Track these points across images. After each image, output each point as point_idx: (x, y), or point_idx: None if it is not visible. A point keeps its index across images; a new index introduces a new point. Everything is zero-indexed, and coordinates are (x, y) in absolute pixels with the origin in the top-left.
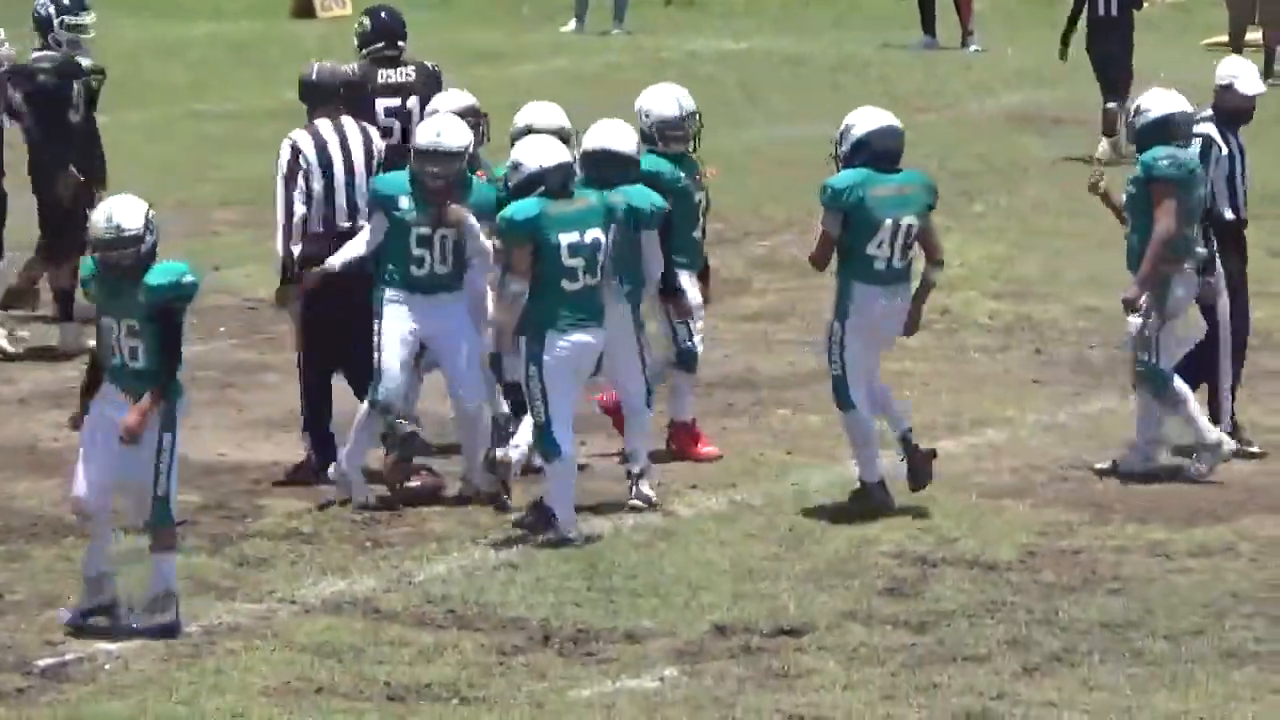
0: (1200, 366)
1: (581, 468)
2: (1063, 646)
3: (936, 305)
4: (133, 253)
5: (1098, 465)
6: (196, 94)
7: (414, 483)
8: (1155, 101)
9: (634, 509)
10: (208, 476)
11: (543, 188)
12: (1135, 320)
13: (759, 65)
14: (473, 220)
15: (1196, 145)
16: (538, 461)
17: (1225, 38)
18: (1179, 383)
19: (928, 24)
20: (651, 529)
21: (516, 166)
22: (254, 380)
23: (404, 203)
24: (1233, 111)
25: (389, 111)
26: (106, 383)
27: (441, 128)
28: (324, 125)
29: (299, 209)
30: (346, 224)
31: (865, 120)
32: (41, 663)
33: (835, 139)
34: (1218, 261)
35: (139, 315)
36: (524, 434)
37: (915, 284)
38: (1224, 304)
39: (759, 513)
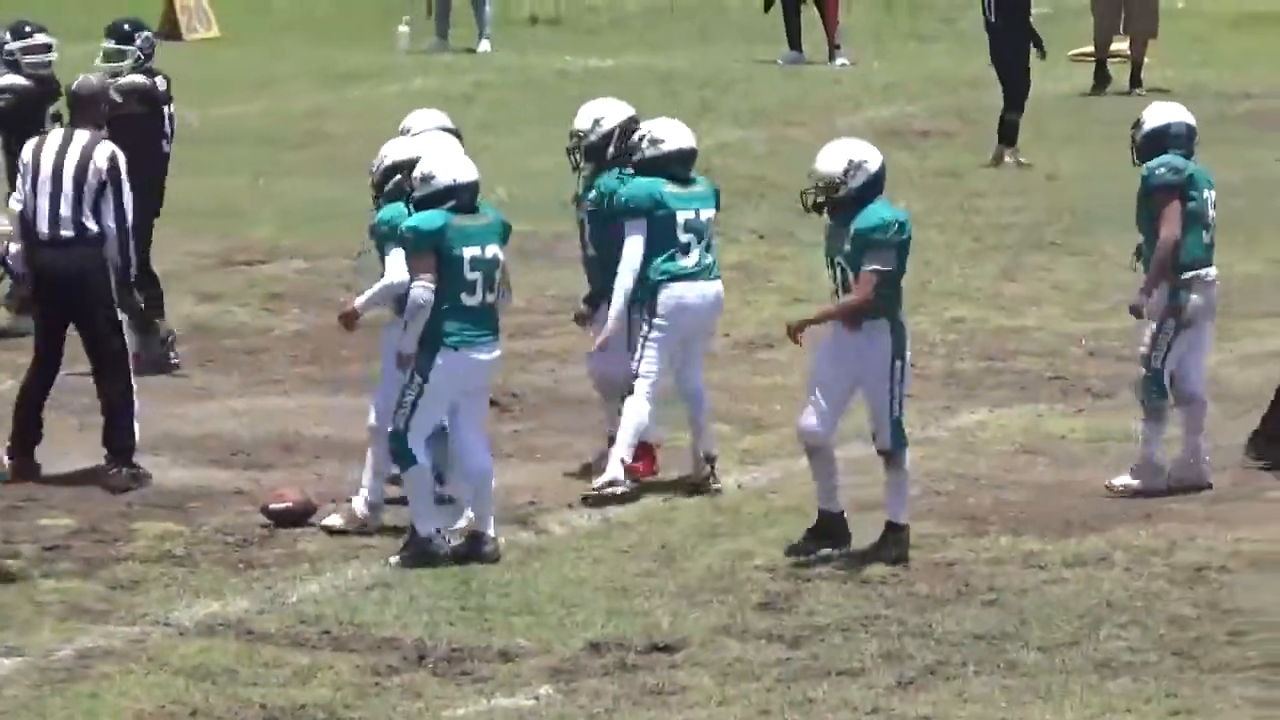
0: None
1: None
2: (937, 659)
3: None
4: None
5: (1115, 482)
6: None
7: (285, 503)
8: (1154, 114)
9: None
10: (80, 501)
11: (452, 202)
12: (1149, 326)
13: (627, 82)
14: None
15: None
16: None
17: (1091, 48)
18: (1168, 401)
19: (793, 39)
20: (525, 547)
21: (427, 179)
22: None
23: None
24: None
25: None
26: None
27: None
28: (54, 134)
29: (14, 206)
30: (46, 231)
31: None
32: None
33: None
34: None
35: None
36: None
37: None
38: None
39: (632, 529)
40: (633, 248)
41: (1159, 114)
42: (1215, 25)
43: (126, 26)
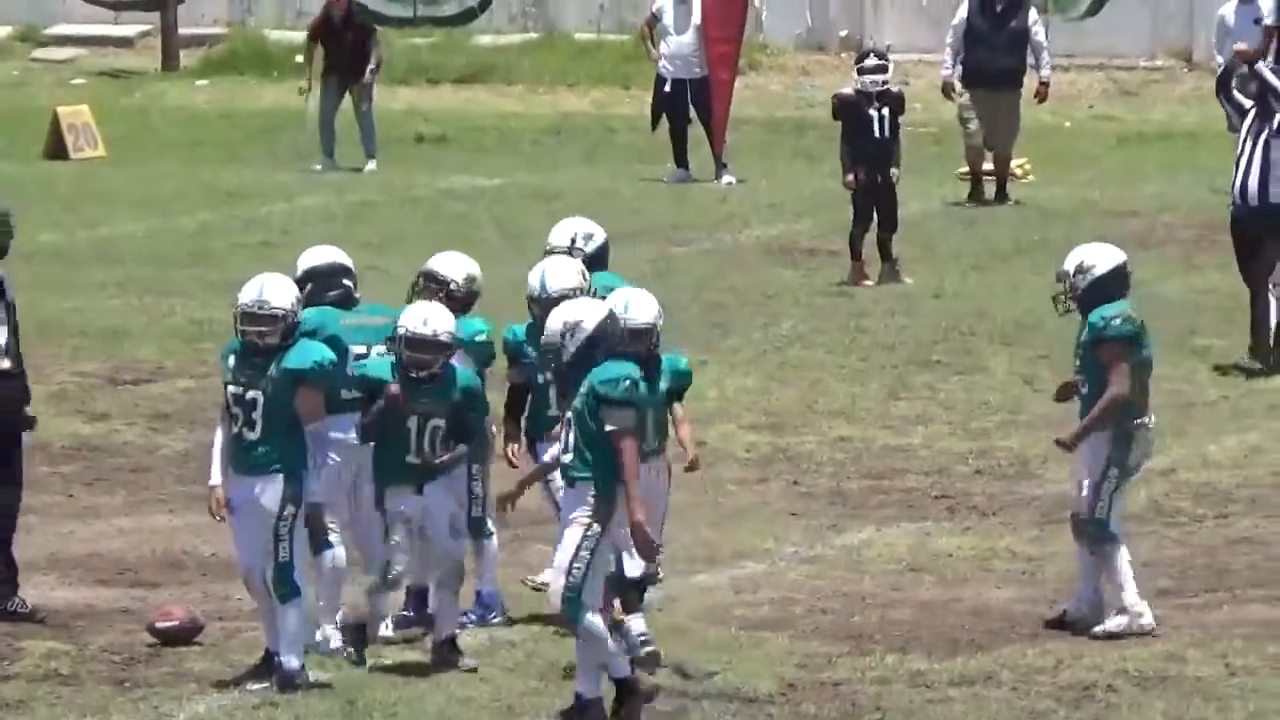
0: None
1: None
2: None
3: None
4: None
5: (1048, 617)
6: None
7: (172, 621)
8: (1098, 257)
9: None
10: None
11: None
12: (1086, 473)
13: (513, 201)
14: None
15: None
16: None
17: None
18: (1121, 544)
19: (680, 156)
20: (411, 666)
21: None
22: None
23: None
24: None
25: None
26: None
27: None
28: None
29: None
30: None
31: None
32: None
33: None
34: None
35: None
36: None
37: None
38: None
39: (518, 648)
40: None
41: (1104, 257)
42: (1102, 143)
43: None
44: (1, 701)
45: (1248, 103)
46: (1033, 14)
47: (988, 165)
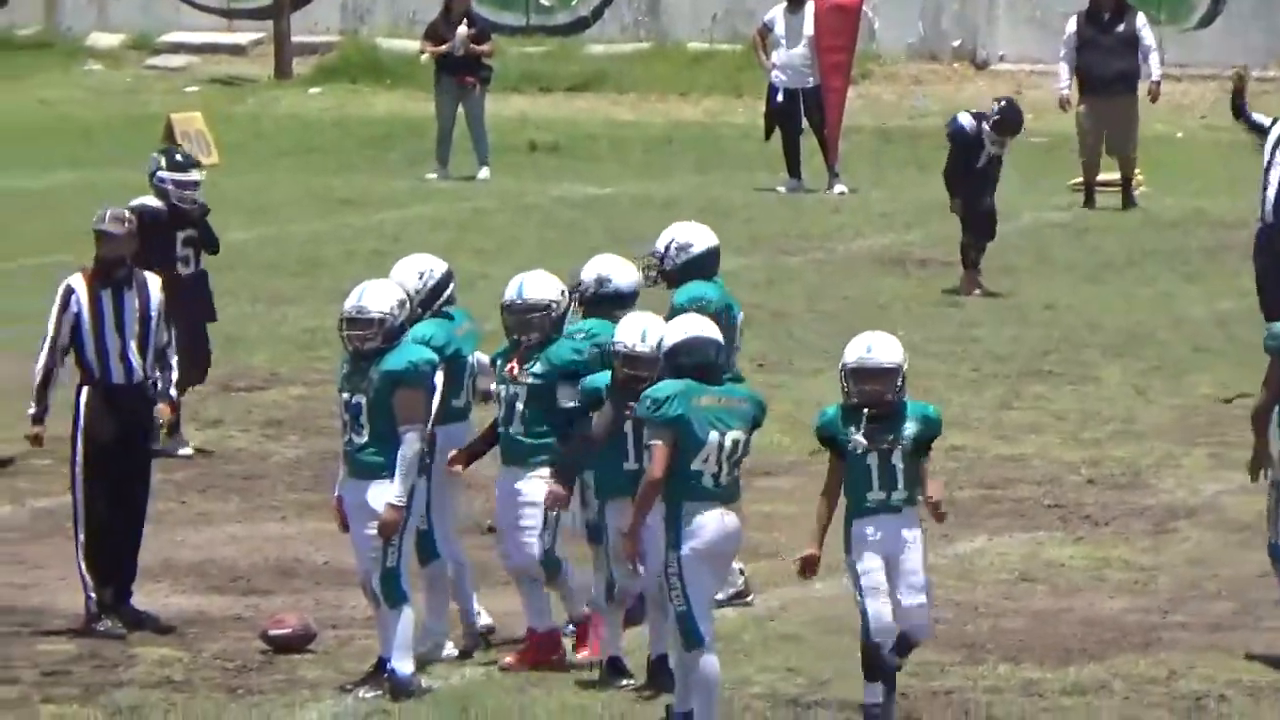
0: None
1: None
2: None
3: (806, 447)
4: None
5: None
6: (66, 244)
7: (285, 628)
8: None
9: None
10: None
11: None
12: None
13: (625, 210)
14: None
15: None
16: None
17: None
18: None
19: (793, 167)
20: (524, 675)
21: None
22: None
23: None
24: None
25: None
26: None
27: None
28: None
29: None
30: None
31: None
32: None
33: None
34: None
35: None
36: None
37: None
38: None
39: (629, 655)
40: None
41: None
42: (1214, 153)
43: None
44: (115, 707)
45: (1266, 120)
46: (1140, 18)
47: (1102, 175)
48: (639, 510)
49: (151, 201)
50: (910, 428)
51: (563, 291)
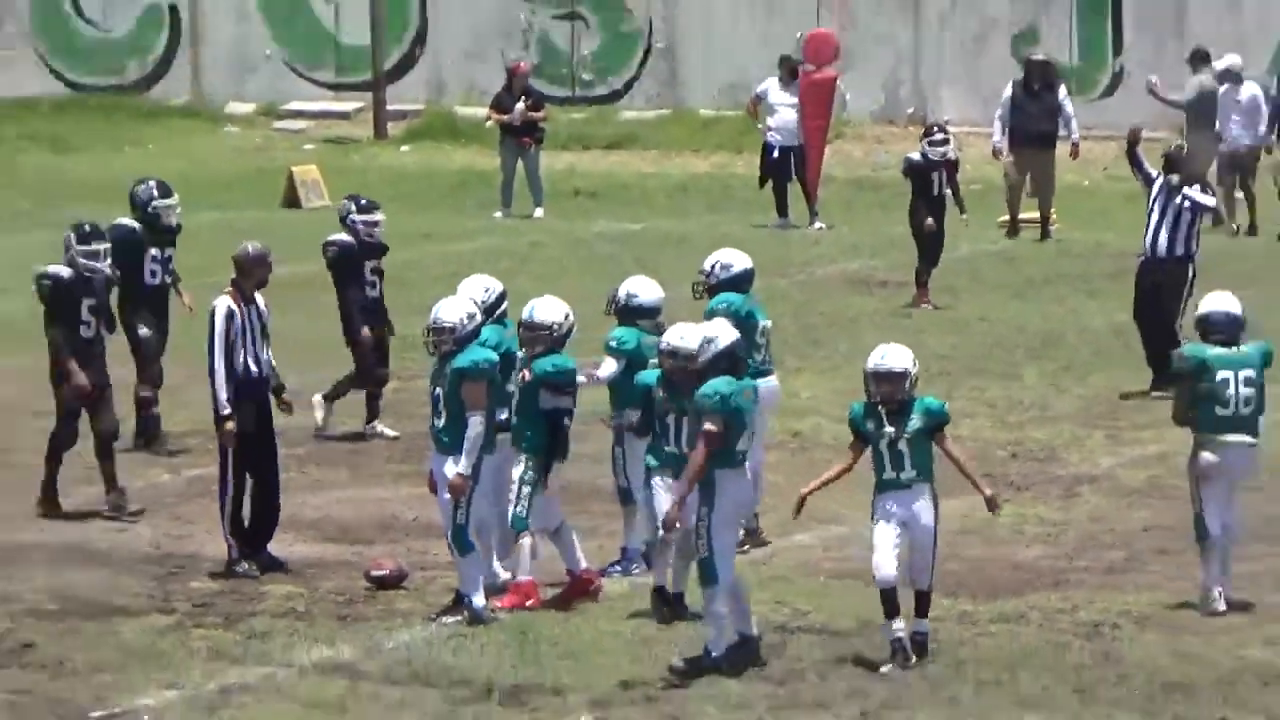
0: None
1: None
2: (892, 695)
3: (788, 429)
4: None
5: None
6: (209, 271)
7: (384, 570)
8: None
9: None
10: (224, 568)
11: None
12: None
13: (651, 243)
14: None
15: None
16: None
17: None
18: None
19: (781, 209)
20: (574, 610)
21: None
22: None
23: None
24: None
25: None
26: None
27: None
28: None
29: None
30: None
31: None
32: (93, 714)
33: None
34: None
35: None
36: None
37: None
38: None
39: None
40: None
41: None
42: (1113, 201)
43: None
44: (251, 632)
45: (1154, 171)
46: (1063, 90)
47: (1024, 214)
48: (691, 480)
49: (343, 237)
50: (915, 421)
51: (566, 315)
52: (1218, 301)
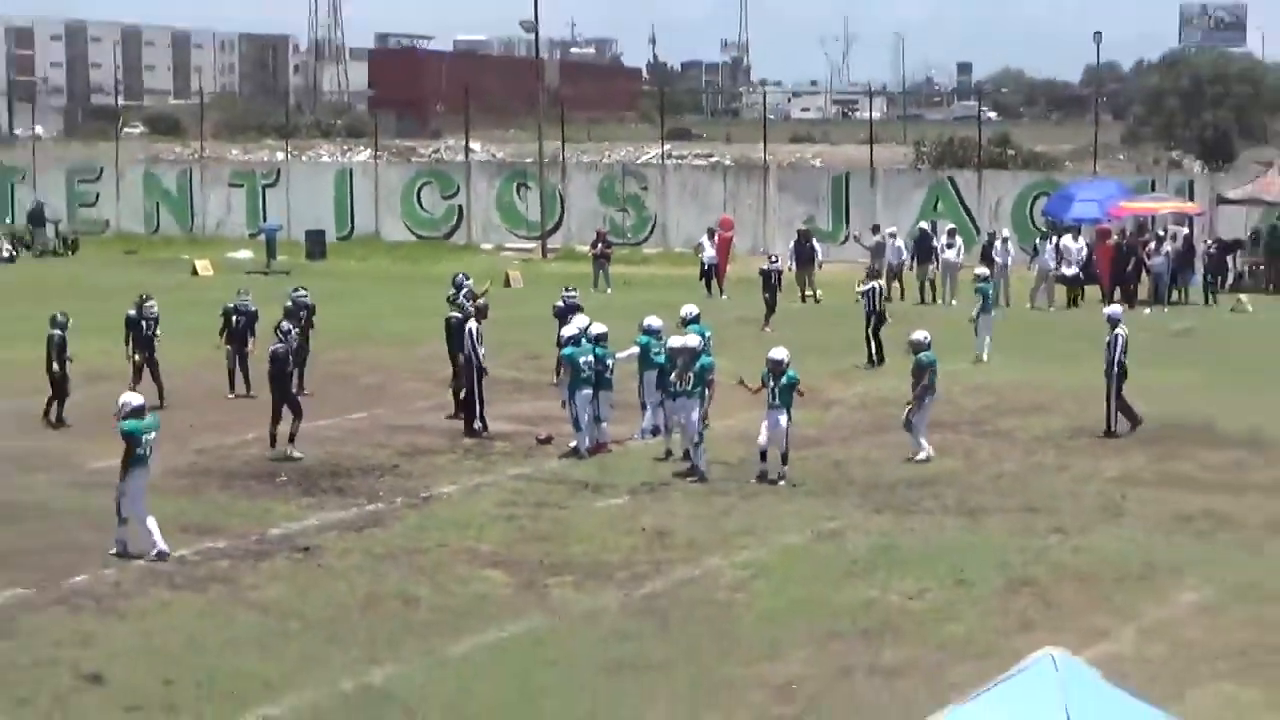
0: None
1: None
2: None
3: (733, 377)
4: None
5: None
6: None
7: (544, 436)
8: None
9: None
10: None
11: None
12: None
13: (654, 305)
14: None
15: None
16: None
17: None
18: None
19: (709, 289)
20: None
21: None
22: None
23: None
24: None
25: None
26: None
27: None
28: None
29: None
30: None
31: None
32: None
33: None
34: None
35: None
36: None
37: None
38: None
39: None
40: None
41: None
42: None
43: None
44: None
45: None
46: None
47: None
48: (710, 402)
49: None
50: (784, 380)
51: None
52: None
